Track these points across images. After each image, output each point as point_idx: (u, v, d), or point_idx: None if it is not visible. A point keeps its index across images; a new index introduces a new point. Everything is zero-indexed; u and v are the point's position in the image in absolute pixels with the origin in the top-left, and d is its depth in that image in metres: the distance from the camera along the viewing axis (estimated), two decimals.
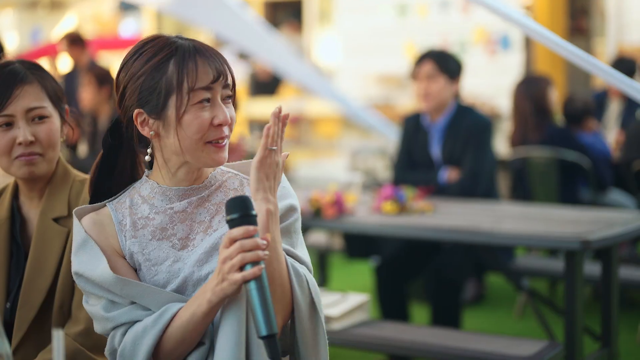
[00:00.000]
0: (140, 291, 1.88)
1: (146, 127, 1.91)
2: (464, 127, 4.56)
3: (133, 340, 1.86)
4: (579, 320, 3.46)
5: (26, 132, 2.26)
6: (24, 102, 2.28)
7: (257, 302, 1.72)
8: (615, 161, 5.77)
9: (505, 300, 5.64)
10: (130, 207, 1.98)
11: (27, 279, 2.28)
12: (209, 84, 1.87)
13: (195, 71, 1.86)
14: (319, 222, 4.02)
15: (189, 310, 1.82)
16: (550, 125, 5.39)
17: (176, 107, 1.86)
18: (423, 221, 3.84)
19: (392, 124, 7.29)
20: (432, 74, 4.56)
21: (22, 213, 2.39)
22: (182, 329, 1.83)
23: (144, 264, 1.93)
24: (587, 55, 3.37)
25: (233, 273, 1.74)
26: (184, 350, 1.86)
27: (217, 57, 1.90)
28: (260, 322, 1.71)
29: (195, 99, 1.86)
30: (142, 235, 1.94)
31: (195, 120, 1.86)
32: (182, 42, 1.90)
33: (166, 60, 1.87)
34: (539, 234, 3.51)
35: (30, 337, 2.27)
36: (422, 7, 10.11)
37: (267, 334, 1.71)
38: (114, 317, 1.89)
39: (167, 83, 1.86)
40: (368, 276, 6.09)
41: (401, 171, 4.76)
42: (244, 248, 1.74)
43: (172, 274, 1.92)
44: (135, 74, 1.90)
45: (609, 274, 3.63)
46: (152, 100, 1.88)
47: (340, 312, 3.57)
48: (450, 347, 3.38)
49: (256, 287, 1.73)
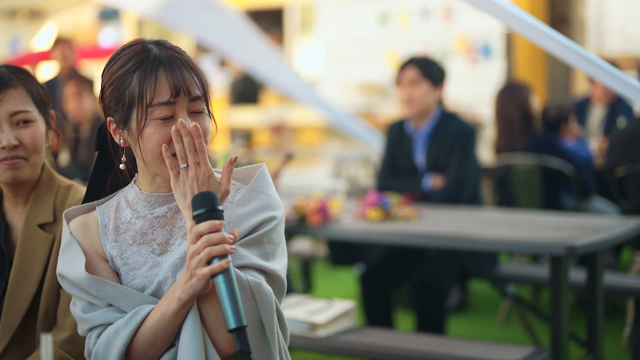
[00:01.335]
0: (116, 293, 1.88)
1: (117, 135, 1.93)
2: (448, 133, 4.57)
3: (106, 342, 1.86)
4: (565, 326, 3.46)
5: (10, 136, 2.25)
6: (8, 106, 2.26)
7: (225, 296, 1.73)
8: (598, 168, 5.80)
9: (489, 307, 5.64)
10: (115, 211, 1.99)
11: (12, 286, 2.26)
12: (169, 99, 1.85)
13: (154, 86, 1.84)
14: (303, 229, 4.00)
15: (160, 310, 1.83)
16: (533, 132, 5.40)
17: (137, 120, 1.86)
18: (408, 228, 3.83)
19: (376, 132, 7.29)
20: (415, 79, 4.57)
21: (6, 219, 2.36)
22: (154, 329, 1.83)
23: (122, 268, 1.94)
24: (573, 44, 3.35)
25: (200, 267, 1.75)
26: (155, 352, 1.86)
27: (183, 70, 1.88)
28: (229, 315, 1.72)
29: (155, 114, 1.85)
30: (123, 239, 1.95)
31: (155, 134, 1.85)
32: (152, 53, 1.88)
33: (132, 71, 1.87)
34: (524, 239, 3.51)
35: (14, 345, 2.25)
36: (403, 16, 10.14)
37: (236, 327, 1.71)
38: (90, 319, 1.90)
39: (130, 95, 1.87)
40: (352, 284, 6.08)
41: (385, 178, 4.75)
42: (210, 242, 1.74)
43: (149, 278, 1.92)
44: (109, 81, 1.91)
45: (594, 279, 3.64)
46: (119, 111, 1.90)
47: (326, 319, 3.56)
48: (437, 353, 3.37)
49: (224, 281, 1.74)
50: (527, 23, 3.34)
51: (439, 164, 4.59)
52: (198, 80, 1.90)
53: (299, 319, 3.56)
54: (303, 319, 3.56)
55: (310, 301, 3.81)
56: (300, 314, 3.59)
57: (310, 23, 12.18)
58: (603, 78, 3.53)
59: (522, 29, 3.60)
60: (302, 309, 3.68)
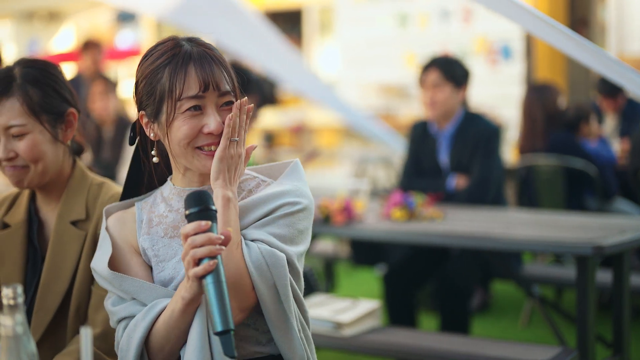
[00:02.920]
0: (136, 287, 1.93)
1: (149, 129, 1.97)
2: (472, 133, 4.55)
3: (127, 334, 1.91)
4: (591, 327, 3.44)
5: (5, 149, 2.24)
6: (1, 120, 2.24)
7: (213, 298, 1.71)
8: (620, 169, 5.77)
9: (511, 308, 5.62)
10: (151, 206, 2.04)
11: (44, 282, 2.26)
12: (198, 94, 1.89)
13: (184, 81, 1.88)
14: (328, 229, 4.00)
15: (170, 308, 1.86)
16: (553, 132, 5.39)
17: (167, 113, 1.90)
18: (433, 228, 3.82)
19: (395, 134, 7.28)
20: (437, 82, 4.56)
21: (39, 216, 2.37)
22: (165, 325, 1.87)
23: (153, 260, 1.98)
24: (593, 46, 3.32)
25: (190, 269, 1.75)
26: (171, 347, 1.89)
27: (213, 65, 1.92)
28: (216, 317, 1.70)
29: (183, 107, 1.89)
30: (155, 232, 1.99)
31: (183, 127, 1.89)
32: (183, 48, 1.92)
33: (163, 66, 1.91)
34: (550, 239, 3.49)
35: (45, 341, 2.25)
36: (422, 17, 10.13)
37: (222, 330, 1.69)
38: (117, 311, 1.95)
39: (160, 90, 1.91)
40: (374, 284, 6.08)
41: (408, 178, 4.74)
42: (194, 244, 1.74)
43: (177, 270, 1.95)
44: (142, 76, 1.95)
45: (621, 280, 3.61)
46: (150, 104, 1.94)
47: (351, 318, 3.56)
48: (464, 353, 3.36)
49: (212, 282, 1.72)
50: (547, 27, 3.30)
51: (463, 164, 4.57)
52: (228, 76, 1.94)
53: (324, 318, 3.56)
54: (328, 318, 3.55)
55: (336, 300, 3.81)
56: (326, 313, 3.59)
57: (329, 24, 12.18)
58: (622, 81, 3.49)
59: (542, 33, 3.57)
60: (327, 308, 3.68)
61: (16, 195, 2.42)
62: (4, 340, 1.40)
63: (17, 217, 2.36)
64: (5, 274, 2.32)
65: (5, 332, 1.41)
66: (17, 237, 2.34)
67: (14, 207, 2.39)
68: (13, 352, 1.40)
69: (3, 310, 1.42)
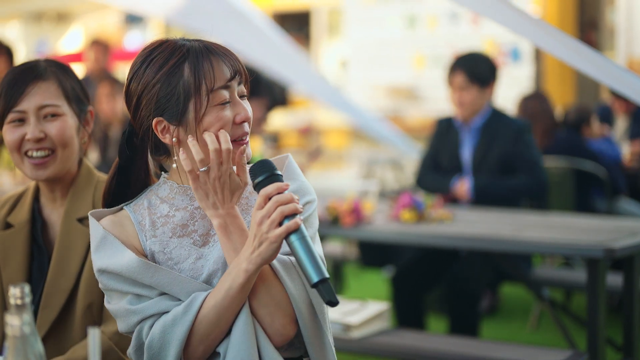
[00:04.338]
0: (171, 279, 1.84)
1: (167, 135, 1.87)
2: (501, 128, 4.58)
3: (162, 331, 1.81)
4: (601, 330, 3.42)
5: (35, 128, 2.24)
6: (36, 99, 2.25)
7: (303, 253, 1.72)
8: (629, 170, 5.77)
9: (520, 311, 5.60)
10: (148, 208, 1.94)
11: (50, 279, 2.26)
12: (227, 82, 1.84)
13: (212, 71, 1.83)
14: (336, 230, 3.98)
15: (224, 287, 1.79)
16: (557, 133, 5.41)
17: (195, 110, 1.82)
18: (443, 229, 3.80)
19: (403, 136, 7.26)
20: (463, 85, 4.62)
21: (43, 215, 2.36)
22: (217, 308, 1.79)
23: (166, 264, 1.89)
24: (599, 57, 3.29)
25: (273, 230, 1.73)
26: (216, 336, 1.82)
27: (229, 54, 1.88)
28: (310, 271, 1.71)
29: (215, 99, 1.83)
30: (161, 233, 1.91)
31: (217, 120, 1.83)
32: (191, 44, 1.87)
33: (180, 64, 1.83)
34: (561, 242, 3.47)
35: (50, 339, 2.25)
36: (431, 19, 10.11)
37: (318, 280, 1.70)
38: (141, 309, 1.83)
39: (184, 87, 1.82)
40: (381, 285, 6.06)
41: (424, 172, 4.80)
42: (280, 202, 1.73)
43: (196, 271, 1.88)
44: (149, 83, 1.85)
45: (632, 283, 3.59)
46: (171, 107, 1.84)
47: (360, 320, 3.54)
48: (474, 355, 3.34)
49: (298, 239, 1.73)
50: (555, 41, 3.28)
51: (488, 160, 4.57)
52: (241, 65, 1.90)
53: (333, 319, 3.54)
54: (337, 319, 3.53)
55: (344, 302, 3.79)
56: (334, 315, 3.57)
57: (338, 26, 12.17)
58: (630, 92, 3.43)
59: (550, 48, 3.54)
60: (336, 309, 3.66)
61: (19, 196, 2.41)
62: (11, 340, 1.39)
63: (20, 216, 2.35)
64: (9, 273, 2.31)
65: (13, 332, 1.39)
66: (21, 237, 2.33)
67: (17, 207, 2.38)
68: (20, 352, 1.39)
69: (10, 310, 1.40)
